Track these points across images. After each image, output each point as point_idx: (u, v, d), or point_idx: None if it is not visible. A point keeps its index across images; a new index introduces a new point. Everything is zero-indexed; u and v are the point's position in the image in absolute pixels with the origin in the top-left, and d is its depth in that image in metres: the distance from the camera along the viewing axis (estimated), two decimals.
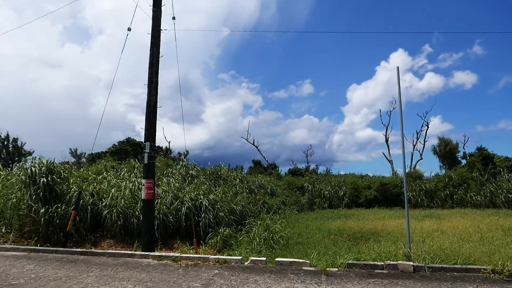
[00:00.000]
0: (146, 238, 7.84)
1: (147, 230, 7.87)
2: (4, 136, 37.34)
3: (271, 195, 19.38)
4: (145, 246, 7.87)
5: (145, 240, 7.87)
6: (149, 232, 7.87)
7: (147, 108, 8.08)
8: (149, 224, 7.91)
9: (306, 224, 14.10)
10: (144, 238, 7.93)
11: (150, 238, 7.90)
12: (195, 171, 15.63)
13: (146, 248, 7.83)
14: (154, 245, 8.14)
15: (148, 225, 7.88)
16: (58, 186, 10.48)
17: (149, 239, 7.86)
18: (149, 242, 7.86)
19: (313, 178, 29.76)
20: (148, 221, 7.87)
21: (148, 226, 7.88)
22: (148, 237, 7.85)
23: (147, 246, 7.84)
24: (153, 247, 8.04)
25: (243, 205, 13.63)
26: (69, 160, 13.07)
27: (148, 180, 7.94)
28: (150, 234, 7.90)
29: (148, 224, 7.88)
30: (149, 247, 7.87)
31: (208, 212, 11.56)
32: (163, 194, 12.08)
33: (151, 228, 7.98)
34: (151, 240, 7.94)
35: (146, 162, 7.96)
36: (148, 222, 7.87)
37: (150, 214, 7.96)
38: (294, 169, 33.74)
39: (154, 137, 8.15)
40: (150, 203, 8.00)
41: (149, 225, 7.91)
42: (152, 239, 8.01)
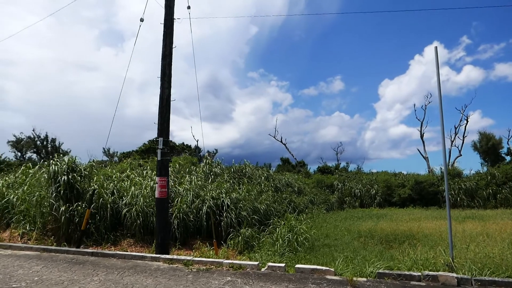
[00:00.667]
0: (160, 238, 7.31)
1: (161, 231, 7.33)
2: (44, 137, 38.80)
3: (298, 194, 18.55)
4: (158, 247, 7.35)
5: (158, 241, 7.35)
6: (162, 233, 7.34)
7: (160, 102, 7.56)
8: (163, 224, 7.38)
9: (334, 224, 13.19)
10: (157, 239, 7.41)
11: (163, 239, 7.36)
12: (219, 169, 15.10)
13: (160, 249, 7.30)
14: (168, 246, 7.59)
15: (162, 225, 7.35)
16: (78, 184, 10.25)
17: (162, 240, 7.33)
18: (162, 243, 7.32)
19: (343, 176, 28.55)
20: (161, 221, 7.34)
21: (162, 226, 7.35)
22: (162, 238, 7.32)
23: (161, 248, 7.30)
24: (167, 249, 7.49)
25: (267, 204, 12.93)
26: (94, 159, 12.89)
27: (161, 178, 7.43)
28: (163, 235, 7.36)
29: (162, 224, 7.35)
30: (163, 248, 7.33)
31: (230, 211, 10.97)
32: (184, 192, 11.62)
33: (164, 228, 7.43)
34: (164, 241, 7.41)
35: (159, 158, 7.44)
36: (161, 222, 7.34)
37: (164, 214, 7.43)
38: (324, 167, 32.61)
39: (167, 132, 7.61)
40: (163, 202, 7.47)
41: (163, 225, 7.38)
42: (166, 240, 7.47)
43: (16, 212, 10.72)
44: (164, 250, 7.35)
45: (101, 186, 10.55)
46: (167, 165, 7.56)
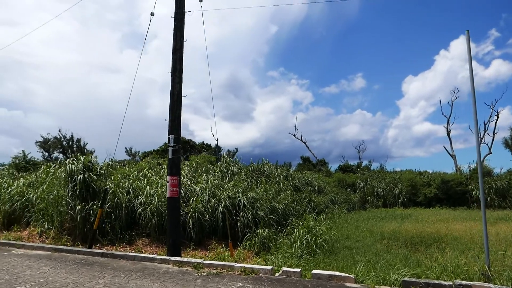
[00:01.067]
0: (171, 239, 6.99)
1: (172, 231, 7.02)
2: (69, 137, 39.70)
3: (318, 193, 17.96)
4: (169, 248, 7.04)
5: (170, 242, 7.03)
6: (174, 234, 7.01)
7: (171, 98, 7.24)
8: (174, 225, 7.06)
9: (355, 225, 12.58)
10: (168, 240, 7.10)
11: (175, 240, 7.04)
12: (236, 168, 14.75)
13: (171, 251, 6.97)
14: (180, 247, 7.26)
15: (173, 225, 7.03)
16: (94, 183, 10.13)
17: (174, 241, 7.01)
18: (174, 244, 7.00)
19: (366, 174, 27.64)
20: (173, 221, 7.02)
21: (173, 227, 7.03)
22: (173, 239, 7.00)
23: (172, 249, 6.98)
24: (179, 250, 7.16)
25: (286, 203, 12.46)
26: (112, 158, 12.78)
27: (172, 176, 7.11)
28: (175, 236, 7.03)
29: (173, 224, 7.03)
30: (175, 249, 7.00)
31: (247, 211, 10.58)
32: (200, 191, 11.32)
33: (176, 229, 7.11)
34: (176, 242, 7.08)
35: (170, 156, 7.13)
36: (173, 222, 7.02)
37: (175, 214, 7.10)
38: (345, 166, 31.75)
39: (178, 129, 7.28)
40: (175, 202, 7.15)
41: (174, 226, 7.06)
42: (177, 241, 7.14)
43: (36, 211, 10.72)
44: (176, 251, 7.02)
45: (116, 185, 10.39)
46: (179, 163, 7.23)
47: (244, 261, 8.70)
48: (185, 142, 36.54)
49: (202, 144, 36.74)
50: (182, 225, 9.98)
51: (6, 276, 5.52)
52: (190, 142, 36.38)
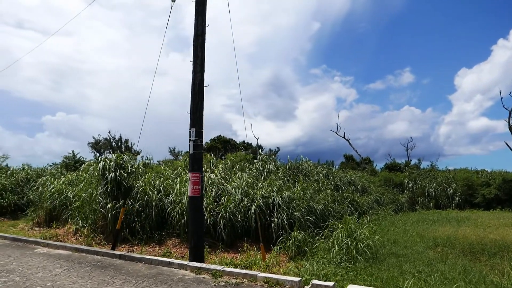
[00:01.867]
0: (193, 242, 6.34)
1: (194, 234, 6.36)
2: (118, 138, 41.28)
3: (362, 193, 16.64)
4: (191, 252, 6.39)
5: (192, 245, 6.38)
6: (196, 236, 6.34)
7: (192, 88, 6.62)
8: (196, 227, 6.38)
9: (403, 228, 11.25)
10: (190, 243, 6.46)
11: (197, 243, 6.37)
12: (273, 166, 13.95)
13: (193, 255, 6.30)
14: (202, 251, 6.57)
15: (195, 227, 6.36)
16: (125, 181, 9.87)
17: (196, 244, 6.34)
18: (196, 247, 6.33)
19: (415, 173, 25.53)
20: (194, 222, 6.37)
21: (195, 228, 6.36)
22: (196, 242, 6.34)
23: (194, 253, 6.32)
24: (201, 254, 6.46)
25: (325, 203, 11.47)
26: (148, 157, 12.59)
27: (194, 173, 6.49)
28: (197, 239, 6.36)
29: (195, 226, 6.36)
30: (196, 253, 6.33)
31: (282, 211, 9.76)
32: (233, 190, 10.68)
33: (198, 231, 6.42)
34: (199, 245, 6.40)
35: (191, 152, 6.50)
36: (194, 224, 6.36)
37: (198, 214, 6.44)
38: (392, 164, 29.68)
39: (201, 123, 6.62)
40: (197, 201, 6.50)
41: (196, 228, 6.38)
42: (200, 244, 6.45)
43: (72, 208, 10.71)
44: (198, 255, 6.35)
45: (147, 183, 10.04)
46: (201, 159, 6.57)
47: (276, 266, 7.89)
48: (225, 141, 36.44)
49: (243, 143, 36.34)
50: (213, 226, 9.39)
51: (17, 277, 5.22)
52: (230, 141, 36.23)
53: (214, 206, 9.70)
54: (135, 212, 9.43)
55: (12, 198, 15.18)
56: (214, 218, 9.44)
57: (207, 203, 9.65)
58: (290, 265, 8.02)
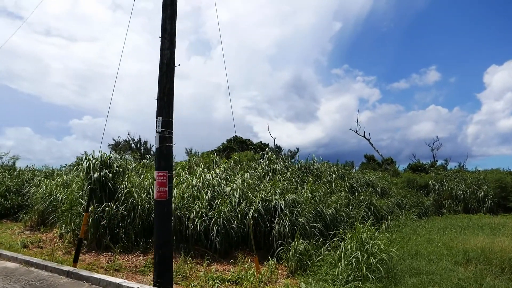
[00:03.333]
0: (157, 258, 5.00)
1: (160, 246, 5.01)
2: (137, 139, 41.04)
3: (381, 195, 14.95)
4: (155, 270, 5.05)
5: (156, 260, 5.04)
6: (162, 250, 5.00)
7: (160, 69, 5.38)
8: (162, 238, 4.98)
9: (428, 237, 9.58)
10: (154, 258, 5.13)
11: (164, 258, 5.01)
12: (280, 166, 12.57)
13: (157, 274, 4.94)
14: (171, 268, 5.24)
15: (161, 239, 4.97)
16: (111, 181, 8.81)
17: (162, 259, 4.97)
18: (161, 264, 5.01)
19: (441, 174, 23.36)
20: (160, 233, 5.00)
21: (161, 241, 4.98)
22: (161, 257, 4.98)
23: (158, 271, 4.93)
24: (169, 273, 5.08)
25: (336, 207, 10.00)
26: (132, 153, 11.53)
27: (160, 172, 5.18)
28: (163, 253, 5.00)
29: (161, 238, 4.98)
30: (162, 272, 4.95)
31: (284, 217, 8.40)
32: (231, 193, 9.41)
33: (166, 243, 5.06)
34: (165, 261, 5.06)
35: (157, 146, 5.22)
36: (160, 235, 4.99)
37: (164, 223, 5.07)
38: (416, 165, 27.49)
39: (169, 110, 5.33)
40: (163, 206, 5.12)
41: (162, 240, 4.99)
42: (167, 260, 5.09)
43: (60, 211, 9.78)
44: (165, 275, 4.95)
45: (134, 184, 8.92)
46: (169, 155, 5.26)
47: (271, 283, 6.56)
48: (242, 142, 35.16)
49: (260, 143, 35.00)
50: (204, 233, 8.16)
51: None
52: (247, 142, 34.99)
53: (207, 210, 8.47)
54: (119, 216, 8.34)
55: (15, 200, 14.59)
56: (206, 224, 8.21)
57: (200, 206, 8.43)
58: (288, 281, 6.66)
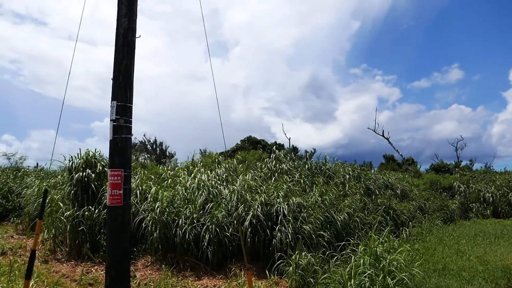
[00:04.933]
0: (108, 280, 3.83)
1: (113, 264, 3.88)
2: (153, 141, 40.59)
3: (401, 198, 13.46)
4: None
5: (107, 283, 3.89)
6: (115, 268, 3.83)
7: (116, 41, 4.22)
8: (115, 254, 3.81)
9: (456, 248, 8.14)
10: (106, 278, 3.97)
11: (117, 279, 3.86)
12: (288, 165, 11.32)
13: None
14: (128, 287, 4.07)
15: (114, 255, 3.82)
16: (94, 183, 7.86)
17: (114, 281, 3.85)
18: (114, 285, 3.88)
19: (467, 175, 21.50)
20: (113, 247, 3.80)
21: (115, 257, 3.84)
22: (113, 278, 3.83)
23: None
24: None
25: (349, 212, 8.71)
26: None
27: (114, 171, 4.05)
28: (117, 272, 3.84)
29: (114, 253, 3.82)
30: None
31: (287, 223, 7.19)
32: (228, 195, 8.28)
33: (119, 260, 3.90)
34: (118, 283, 3.90)
35: (110, 138, 4.08)
36: (114, 249, 3.81)
37: (118, 237, 3.83)
38: (439, 165, 25.58)
39: (126, 92, 4.12)
40: (118, 215, 4.01)
41: (116, 256, 3.82)
42: (122, 279, 3.96)
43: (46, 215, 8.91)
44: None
45: None
46: (126, 149, 4.07)
47: None
48: (256, 142, 34.04)
49: (274, 143, 33.79)
50: (194, 241, 7.05)
51: None
52: (261, 142, 33.84)
53: (199, 216, 7.36)
54: (101, 221, 7.36)
55: (17, 201, 14.00)
56: (197, 231, 7.10)
57: (191, 211, 7.34)
58: None
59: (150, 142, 41.52)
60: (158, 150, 41.57)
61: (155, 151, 41.84)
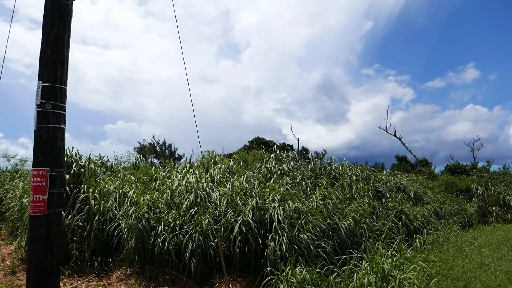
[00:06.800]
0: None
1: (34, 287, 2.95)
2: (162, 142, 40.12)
3: (414, 202, 12.30)
4: None
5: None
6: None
7: (45, 5, 3.34)
8: (37, 277, 2.90)
9: (479, 260, 6.99)
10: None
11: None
12: (289, 166, 10.33)
13: None
14: None
15: (34, 277, 2.89)
16: (69, 185, 7.03)
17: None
18: None
19: (485, 177, 20.07)
20: (35, 268, 2.89)
21: (35, 280, 2.89)
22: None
23: None
24: None
25: (356, 218, 7.69)
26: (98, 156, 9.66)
27: (38, 170, 3.20)
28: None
29: (35, 275, 2.88)
30: None
31: (281, 231, 6.22)
32: (217, 200, 7.35)
33: (45, 280, 2.96)
34: None
35: (34, 128, 3.17)
36: (35, 270, 2.89)
37: (39, 253, 2.80)
38: (455, 166, 24.08)
39: (55, 70, 3.20)
40: (41, 227, 3.13)
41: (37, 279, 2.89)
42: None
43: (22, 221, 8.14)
44: None
45: (95, 188, 7.03)
46: (54, 142, 3.14)
47: None
48: (264, 143, 33.00)
49: (283, 144, 32.73)
50: (176, 252, 6.14)
51: None
52: (269, 143, 32.84)
53: (182, 222, 6.46)
54: (72, 228, 6.52)
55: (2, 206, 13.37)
56: (179, 240, 6.20)
57: (173, 218, 6.44)
58: None
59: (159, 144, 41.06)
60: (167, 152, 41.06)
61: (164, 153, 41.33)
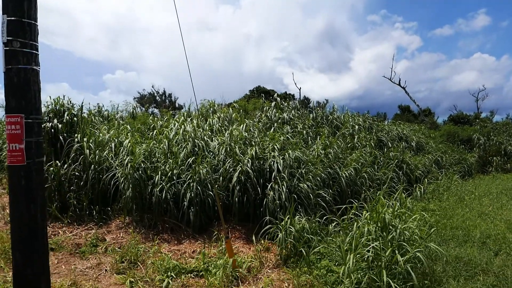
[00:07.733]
0: (16, 267, 2.79)
1: (18, 242, 2.73)
2: (162, 92, 39.35)
3: (416, 152, 12.13)
4: None
5: (15, 270, 2.81)
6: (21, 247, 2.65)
7: None
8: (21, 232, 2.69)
9: (479, 209, 6.94)
10: (13, 267, 2.88)
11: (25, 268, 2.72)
12: (291, 115, 9.99)
13: None
14: None
15: (18, 233, 2.69)
16: (63, 135, 6.79)
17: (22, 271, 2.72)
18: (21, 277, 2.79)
19: (488, 127, 19.80)
20: (18, 224, 2.64)
21: (18, 237, 2.70)
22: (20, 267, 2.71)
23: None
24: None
25: (357, 168, 7.53)
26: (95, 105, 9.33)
27: (11, 116, 2.67)
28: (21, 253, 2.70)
29: (19, 231, 2.68)
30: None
31: (281, 181, 6.06)
32: (216, 148, 7.14)
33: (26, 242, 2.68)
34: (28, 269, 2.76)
35: (3, 69, 2.86)
36: (18, 226, 2.56)
37: (23, 205, 2.65)
38: (458, 116, 23.69)
39: (23, 2, 2.78)
40: (20, 176, 2.69)
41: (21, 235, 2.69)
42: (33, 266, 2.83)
43: None
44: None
45: (90, 137, 6.78)
46: (28, 86, 2.79)
47: (250, 278, 4.43)
48: (265, 92, 32.25)
49: (285, 94, 32.03)
50: (174, 201, 6.05)
51: None
52: (270, 92, 32.13)
53: (180, 172, 6.30)
54: (69, 178, 6.39)
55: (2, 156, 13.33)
56: (177, 189, 6.08)
57: (170, 167, 6.27)
58: (272, 276, 4.49)
59: (159, 93, 40.33)
60: (167, 102, 40.49)
61: (164, 102, 40.78)
